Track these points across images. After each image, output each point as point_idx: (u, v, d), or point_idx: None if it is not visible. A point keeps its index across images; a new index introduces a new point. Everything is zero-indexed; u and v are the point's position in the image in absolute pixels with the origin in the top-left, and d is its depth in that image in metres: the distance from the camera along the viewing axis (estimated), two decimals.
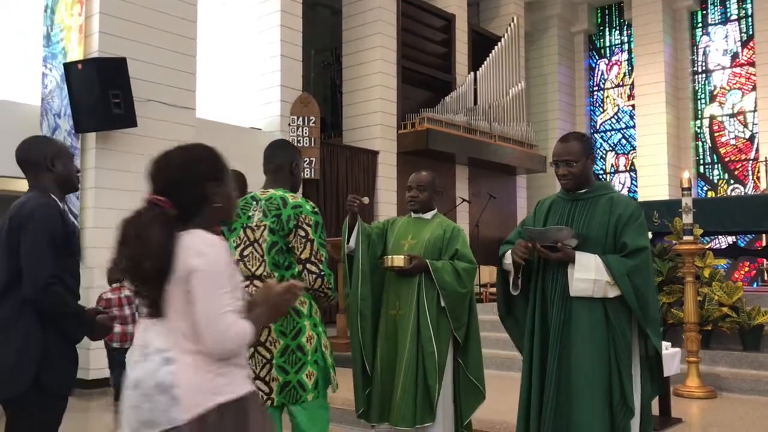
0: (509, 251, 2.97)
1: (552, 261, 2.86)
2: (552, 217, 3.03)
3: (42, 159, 2.65)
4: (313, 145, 9.57)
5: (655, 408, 4.93)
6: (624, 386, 2.78)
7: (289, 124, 9.47)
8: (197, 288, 1.74)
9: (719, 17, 14.60)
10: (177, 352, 1.75)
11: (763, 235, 8.69)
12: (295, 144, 9.44)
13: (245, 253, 2.94)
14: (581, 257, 2.79)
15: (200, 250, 1.77)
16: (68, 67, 7.02)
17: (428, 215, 3.79)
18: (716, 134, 14.47)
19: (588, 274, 2.75)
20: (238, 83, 9.85)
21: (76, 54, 7.22)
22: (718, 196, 13.71)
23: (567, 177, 2.94)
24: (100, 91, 6.78)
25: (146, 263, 1.74)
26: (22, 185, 9.11)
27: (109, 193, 7.10)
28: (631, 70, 15.26)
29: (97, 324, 2.66)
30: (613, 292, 2.76)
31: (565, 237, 2.82)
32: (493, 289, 10.10)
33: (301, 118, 9.52)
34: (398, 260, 3.57)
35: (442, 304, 3.52)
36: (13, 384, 2.46)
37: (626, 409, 2.79)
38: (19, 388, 2.46)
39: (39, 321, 2.48)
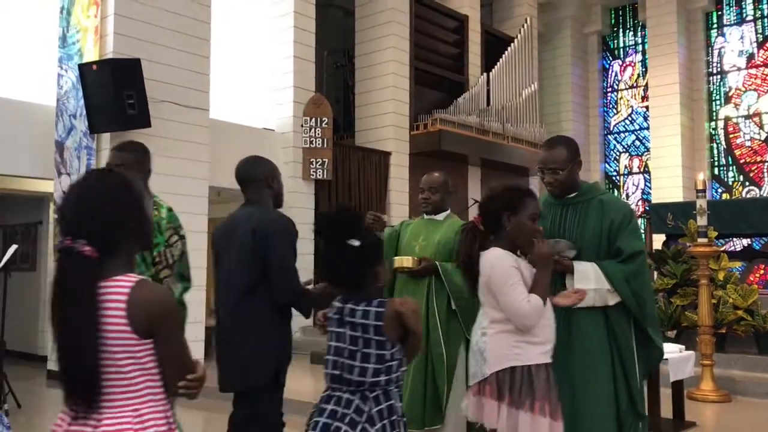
0: None
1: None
2: (544, 221, 2.96)
3: (263, 177, 3.10)
4: (325, 146, 9.59)
5: (668, 411, 4.90)
6: (633, 393, 2.76)
7: (302, 125, 9.49)
8: (494, 288, 2.52)
9: (735, 18, 14.49)
10: (489, 329, 2.58)
11: None
12: (308, 145, 9.46)
13: None
14: (579, 267, 2.77)
15: (492, 264, 2.54)
16: (83, 68, 7.07)
17: (440, 216, 3.76)
18: (731, 136, 14.36)
19: (588, 284, 2.73)
20: (251, 84, 9.88)
21: (91, 55, 7.28)
22: (733, 198, 13.60)
23: (553, 185, 2.90)
24: (115, 92, 6.83)
25: (471, 267, 2.62)
26: (21, 184, 8.99)
27: None
28: (645, 71, 15.17)
29: (318, 297, 3.06)
30: (613, 300, 2.75)
31: (563, 249, 2.80)
32: None
33: (313, 119, 9.53)
34: (407, 261, 3.54)
35: (453, 306, 3.49)
36: (256, 376, 2.77)
37: (636, 414, 2.77)
38: (261, 380, 2.79)
39: (283, 318, 2.94)
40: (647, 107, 14.91)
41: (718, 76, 14.60)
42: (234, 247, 2.97)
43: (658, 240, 8.59)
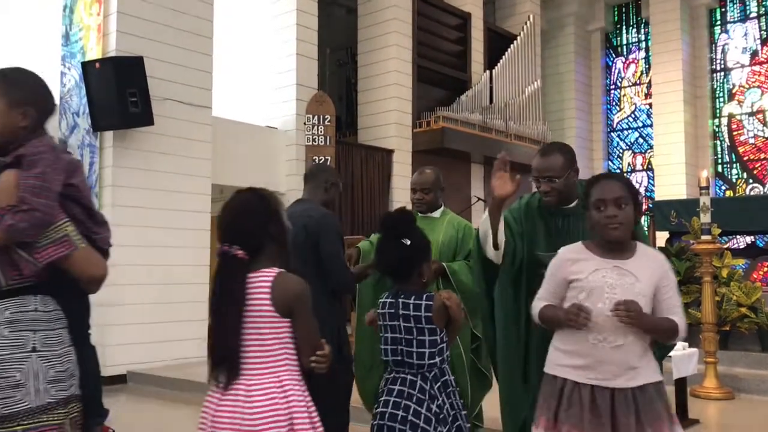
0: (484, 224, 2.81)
1: None
2: (540, 230, 2.84)
3: (325, 182, 3.45)
4: (328, 143, 9.59)
5: (672, 409, 4.89)
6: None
7: (305, 123, 9.49)
8: None
9: (738, 15, 14.45)
10: None
11: None
12: (311, 143, 9.45)
13: None
14: None
15: None
16: (86, 66, 7.08)
17: (436, 213, 3.73)
18: (735, 133, 14.32)
19: None
20: (254, 82, 9.88)
21: (94, 53, 7.29)
22: (737, 195, 13.57)
23: (550, 194, 2.76)
24: (118, 90, 6.83)
25: None
26: None
27: (127, 191, 7.15)
28: (649, 68, 15.14)
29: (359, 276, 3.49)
30: None
31: None
32: None
33: (316, 117, 9.53)
34: None
35: (462, 306, 3.49)
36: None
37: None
38: None
39: (336, 301, 3.25)
40: (650, 104, 14.88)
41: (722, 73, 14.56)
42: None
43: (662, 237, 8.57)
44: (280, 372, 2.01)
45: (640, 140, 15.47)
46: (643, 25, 15.48)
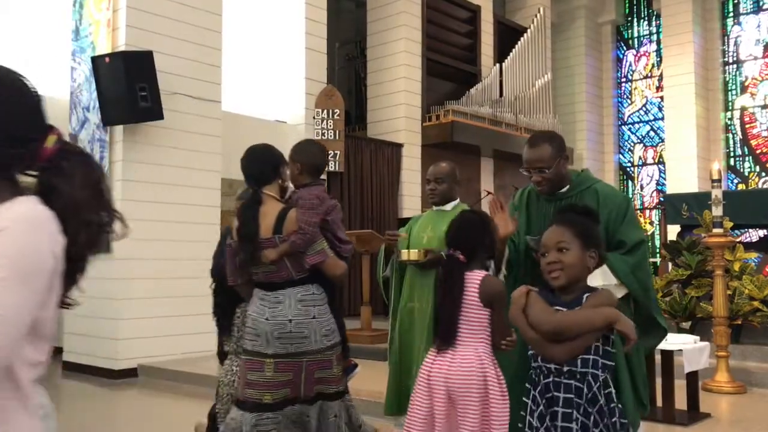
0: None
1: None
2: (536, 217, 2.93)
3: None
4: (337, 137, 9.58)
5: (683, 402, 4.87)
6: (638, 387, 2.69)
7: (314, 117, 9.49)
8: None
9: (751, 6, 14.31)
10: None
11: None
12: (320, 137, 9.45)
13: None
14: None
15: None
16: (96, 60, 7.10)
17: (449, 207, 3.74)
18: (747, 126, 14.21)
19: (595, 281, 2.61)
20: (263, 76, 9.88)
21: (104, 48, 7.31)
22: (749, 188, 13.46)
23: (542, 184, 2.85)
24: (127, 85, 6.86)
25: None
26: None
27: (137, 186, 7.18)
28: (660, 61, 15.02)
29: None
30: (620, 293, 2.67)
31: None
32: None
33: (325, 111, 9.53)
34: (413, 254, 3.55)
35: None
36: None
37: (642, 406, 2.72)
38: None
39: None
40: (662, 97, 14.78)
41: (734, 66, 14.43)
42: None
43: (673, 231, 8.52)
44: (479, 346, 2.62)
45: (652, 133, 15.37)
46: (654, 17, 15.36)
